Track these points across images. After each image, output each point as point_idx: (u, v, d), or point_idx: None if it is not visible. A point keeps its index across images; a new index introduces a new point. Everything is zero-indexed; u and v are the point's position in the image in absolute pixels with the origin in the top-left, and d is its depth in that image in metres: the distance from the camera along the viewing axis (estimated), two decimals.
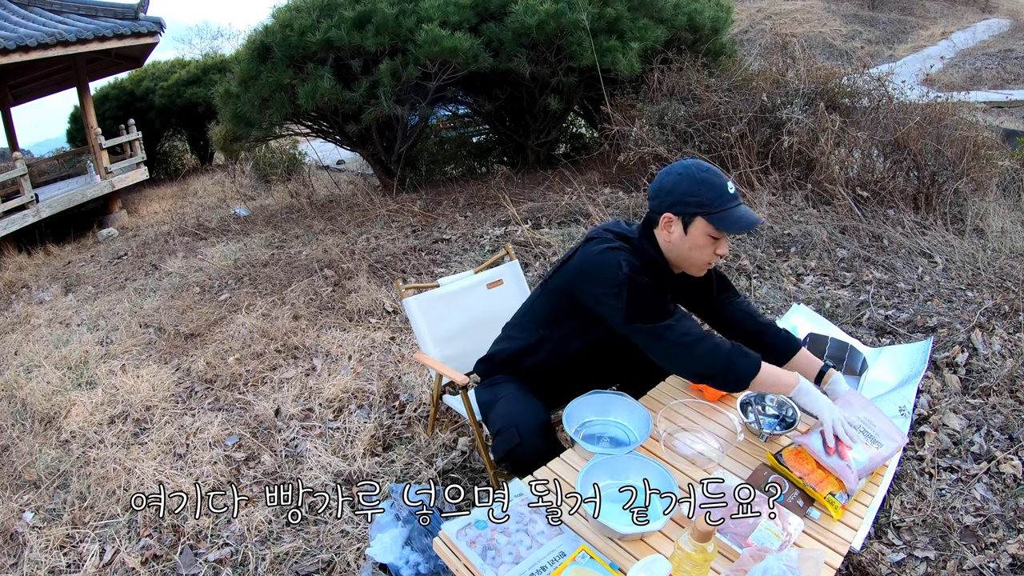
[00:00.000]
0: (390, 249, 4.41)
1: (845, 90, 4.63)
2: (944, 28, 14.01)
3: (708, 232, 1.40)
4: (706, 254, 1.43)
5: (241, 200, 7.54)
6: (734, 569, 1.09)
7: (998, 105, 7.62)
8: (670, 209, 1.42)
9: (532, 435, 1.51)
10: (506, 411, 1.57)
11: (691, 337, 1.37)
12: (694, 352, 1.37)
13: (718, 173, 1.41)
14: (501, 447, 1.53)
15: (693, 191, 1.38)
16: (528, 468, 1.48)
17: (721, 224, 1.37)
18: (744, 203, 1.35)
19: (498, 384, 1.71)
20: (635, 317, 1.40)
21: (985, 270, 3.17)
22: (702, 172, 1.40)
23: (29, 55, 6.18)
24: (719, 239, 1.41)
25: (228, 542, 1.96)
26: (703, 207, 1.37)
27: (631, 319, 1.40)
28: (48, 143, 16.49)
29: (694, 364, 1.39)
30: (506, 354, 1.74)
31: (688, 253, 1.45)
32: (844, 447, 1.33)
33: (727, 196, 1.38)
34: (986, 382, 2.30)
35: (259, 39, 5.37)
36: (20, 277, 5.69)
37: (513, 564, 1.14)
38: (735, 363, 1.36)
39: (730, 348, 1.38)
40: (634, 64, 4.93)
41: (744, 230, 1.40)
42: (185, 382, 3.05)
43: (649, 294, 1.40)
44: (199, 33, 41.87)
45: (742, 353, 1.38)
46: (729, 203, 1.38)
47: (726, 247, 1.44)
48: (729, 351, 1.37)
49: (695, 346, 1.36)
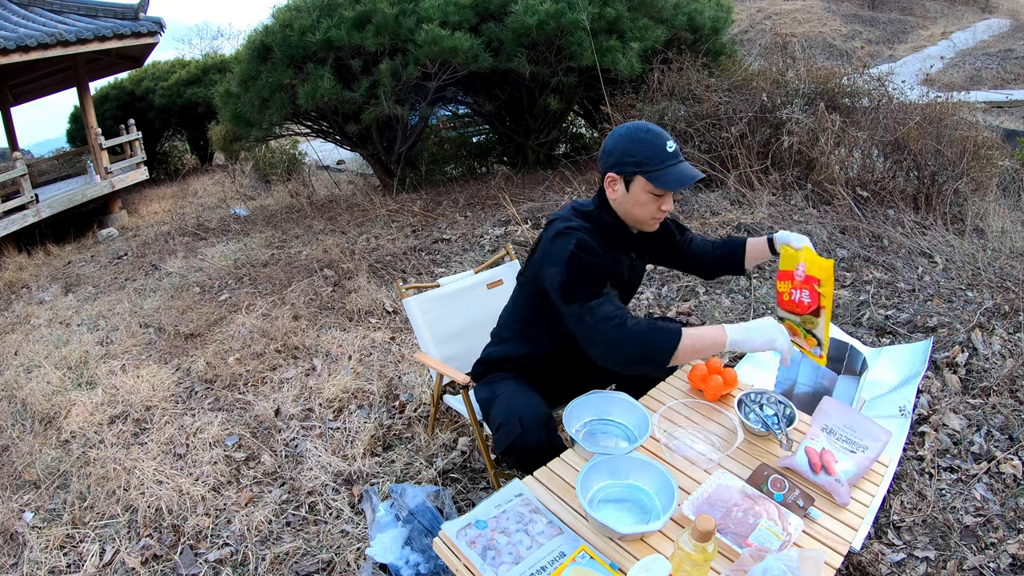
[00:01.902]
0: (390, 249, 4.41)
1: (845, 90, 4.63)
2: (944, 28, 14.01)
3: (648, 190, 1.44)
4: (650, 211, 1.48)
5: (241, 200, 7.54)
6: (734, 569, 1.09)
7: (998, 105, 7.62)
8: (612, 169, 1.47)
9: (534, 427, 1.50)
10: (507, 405, 1.57)
11: (609, 323, 1.36)
12: (609, 337, 1.36)
13: (659, 133, 1.45)
14: (503, 441, 1.52)
15: (632, 151, 1.43)
16: (530, 462, 1.48)
17: (658, 182, 1.42)
18: (688, 162, 1.44)
19: (496, 382, 1.71)
20: (568, 296, 1.42)
21: (985, 270, 3.17)
22: (642, 132, 1.45)
23: (29, 55, 6.18)
24: (662, 196, 1.46)
25: (228, 542, 1.96)
26: (641, 166, 1.42)
27: (564, 298, 1.43)
28: (48, 143, 16.50)
29: (609, 350, 1.38)
30: (497, 355, 1.77)
31: (632, 210, 1.50)
32: (830, 462, 1.33)
33: (665, 155, 1.42)
34: (986, 382, 2.30)
35: (259, 39, 5.38)
36: (20, 277, 5.69)
37: (513, 564, 1.14)
38: (652, 342, 1.35)
39: (646, 328, 1.36)
40: (634, 64, 4.93)
41: (681, 187, 1.44)
42: (185, 382, 3.05)
43: (586, 272, 1.43)
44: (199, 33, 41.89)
45: (657, 328, 1.36)
46: (667, 161, 1.42)
47: (670, 203, 1.48)
48: (645, 332, 1.35)
49: (611, 331, 1.36)
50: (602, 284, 1.43)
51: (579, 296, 1.41)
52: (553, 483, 1.37)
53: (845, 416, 1.44)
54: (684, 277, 3.42)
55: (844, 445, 1.39)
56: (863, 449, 1.38)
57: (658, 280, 3.45)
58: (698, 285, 3.32)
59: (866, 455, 1.36)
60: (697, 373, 1.68)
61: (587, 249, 1.45)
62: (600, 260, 1.46)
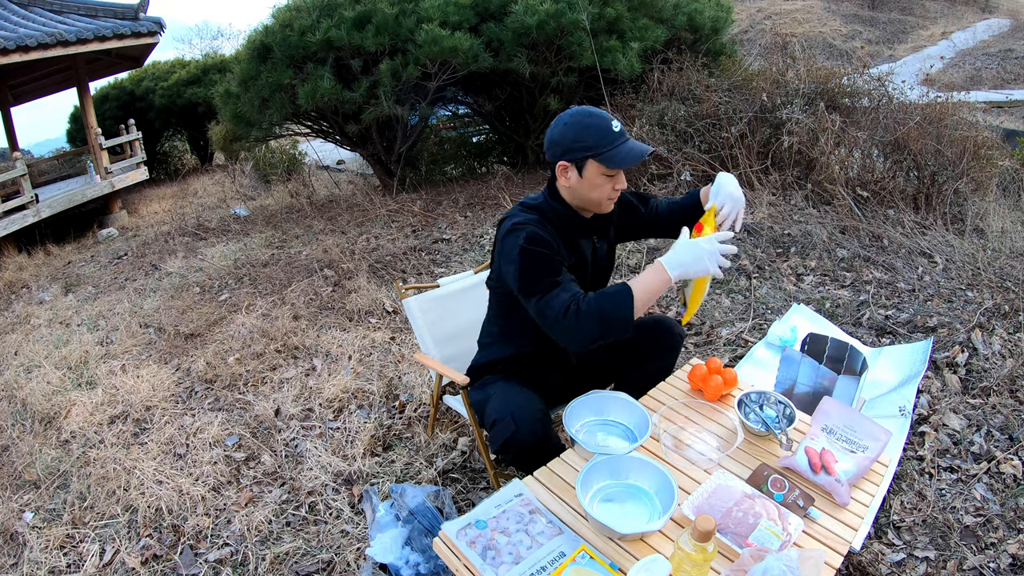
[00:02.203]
0: (390, 249, 4.41)
1: (845, 90, 4.63)
2: (944, 28, 14.00)
3: (601, 172, 1.47)
4: (605, 191, 1.51)
5: (241, 200, 7.54)
6: (734, 569, 1.09)
7: (998, 105, 7.61)
8: (563, 157, 1.49)
9: (528, 422, 1.50)
10: (500, 403, 1.56)
11: (566, 312, 1.38)
12: (570, 325, 1.38)
13: (602, 115, 1.47)
14: (498, 437, 1.52)
15: (581, 136, 1.46)
16: (527, 458, 1.47)
17: (610, 162, 1.44)
18: (634, 138, 1.46)
19: (489, 383, 1.71)
20: (526, 290, 1.46)
21: (985, 270, 3.17)
22: (586, 117, 1.47)
23: (29, 55, 6.18)
24: (614, 175, 1.49)
25: (228, 542, 1.96)
26: (591, 150, 1.45)
27: (523, 292, 1.47)
28: (48, 143, 16.49)
29: (574, 337, 1.40)
30: (484, 361, 1.78)
31: (588, 194, 1.52)
32: (830, 462, 1.33)
33: (612, 135, 1.45)
34: (986, 382, 2.30)
35: (259, 39, 5.37)
36: (20, 277, 5.69)
37: (513, 564, 1.14)
38: (609, 313, 1.37)
39: (597, 303, 1.38)
40: (634, 64, 4.93)
41: (633, 163, 1.46)
42: (185, 382, 3.05)
43: (539, 264, 1.46)
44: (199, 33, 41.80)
45: (608, 296, 1.39)
46: (616, 141, 1.45)
47: (623, 182, 1.52)
48: (598, 307, 1.37)
49: (570, 319, 1.38)
50: (557, 273, 1.45)
51: (537, 288, 1.44)
52: (553, 483, 1.37)
53: (845, 416, 1.44)
54: None
55: (844, 445, 1.39)
56: (863, 449, 1.38)
57: None
58: None
59: (866, 455, 1.37)
60: (697, 373, 1.69)
61: (536, 241, 1.47)
62: (552, 250, 1.48)
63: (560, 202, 1.57)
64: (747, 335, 2.84)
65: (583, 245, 1.63)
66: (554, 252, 1.48)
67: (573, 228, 1.59)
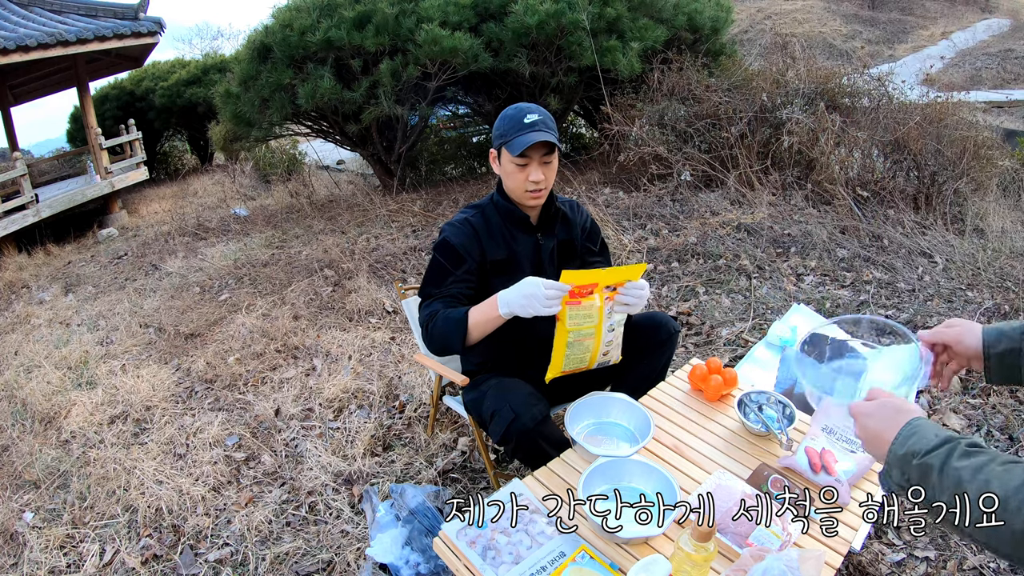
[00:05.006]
0: (390, 249, 4.41)
1: (845, 90, 4.63)
2: (944, 28, 14.00)
3: (511, 160, 1.54)
4: (519, 180, 1.57)
5: (241, 200, 7.54)
6: (734, 569, 1.09)
7: (998, 105, 7.61)
8: (492, 145, 1.61)
9: (526, 407, 1.48)
10: (496, 395, 1.55)
11: (425, 325, 1.54)
12: (426, 336, 1.55)
13: (523, 108, 1.54)
14: (498, 429, 1.50)
15: (500, 126, 1.56)
16: (530, 447, 1.47)
17: (512, 149, 1.51)
18: (542, 133, 1.50)
19: (481, 383, 1.71)
20: (420, 292, 1.62)
21: (985, 270, 3.17)
22: (512, 110, 1.56)
23: (29, 55, 6.18)
24: (525, 165, 1.54)
25: (228, 542, 1.96)
26: (503, 138, 1.55)
27: (420, 291, 1.62)
28: (48, 143, 16.51)
29: (428, 346, 1.56)
30: (473, 363, 1.80)
31: (507, 183, 1.61)
32: (830, 462, 1.33)
33: (521, 126, 1.51)
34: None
35: (259, 39, 5.37)
36: (20, 277, 5.69)
37: (513, 564, 1.14)
38: (446, 335, 1.50)
39: (439, 325, 1.51)
40: (634, 64, 4.93)
41: (523, 147, 1.48)
42: (185, 382, 3.05)
43: (434, 272, 1.60)
44: (199, 33, 41.90)
45: (449, 320, 1.51)
46: (523, 131, 1.50)
47: (537, 173, 1.55)
48: (440, 328, 1.51)
49: (426, 332, 1.54)
50: (439, 284, 1.58)
51: (423, 294, 1.60)
52: (553, 483, 1.37)
53: (845, 416, 1.43)
54: (684, 277, 3.42)
55: (844, 445, 1.39)
56: (863, 449, 1.37)
57: (658, 280, 3.46)
58: (698, 285, 3.32)
59: (866, 455, 1.36)
60: (697, 373, 1.69)
61: (441, 247, 1.60)
62: (453, 259, 1.58)
63: (504, 196, 1.65)
64: (747, 335, 2.84)
65: (522, 240, 1.67)
66: (454, 261, 1.58)
67: (514, 222, 1.66)
